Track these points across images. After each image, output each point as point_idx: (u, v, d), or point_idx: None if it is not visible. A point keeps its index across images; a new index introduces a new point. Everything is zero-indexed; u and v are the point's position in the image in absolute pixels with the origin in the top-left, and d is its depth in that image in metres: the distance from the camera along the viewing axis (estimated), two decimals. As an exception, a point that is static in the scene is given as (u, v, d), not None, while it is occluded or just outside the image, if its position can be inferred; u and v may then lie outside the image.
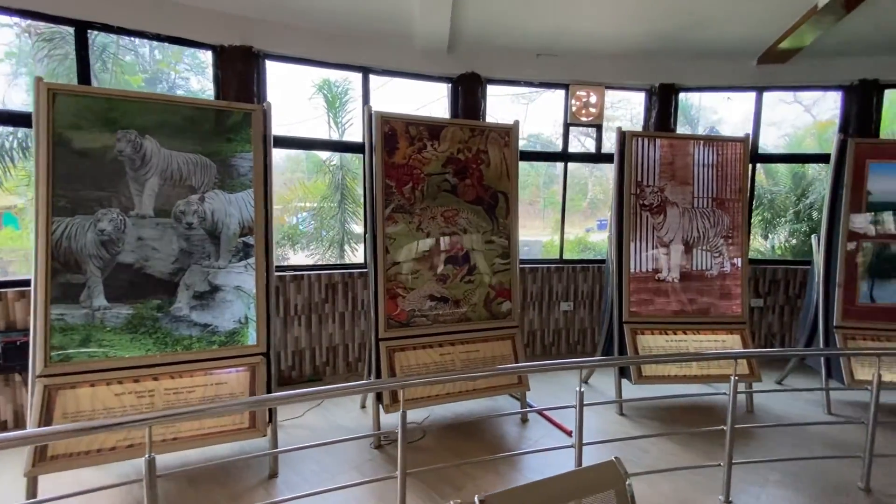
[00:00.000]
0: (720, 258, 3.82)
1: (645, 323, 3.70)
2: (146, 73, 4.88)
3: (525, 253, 7.04)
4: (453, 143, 3.29)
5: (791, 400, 4.01)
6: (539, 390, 4.10)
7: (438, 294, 3.27)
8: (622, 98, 6.56)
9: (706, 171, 3.79)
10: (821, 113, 6.69)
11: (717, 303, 3.80)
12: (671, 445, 3.21)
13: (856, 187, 3.77)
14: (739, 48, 4.65)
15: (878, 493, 2.73)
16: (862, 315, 3.80)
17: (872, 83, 4.82)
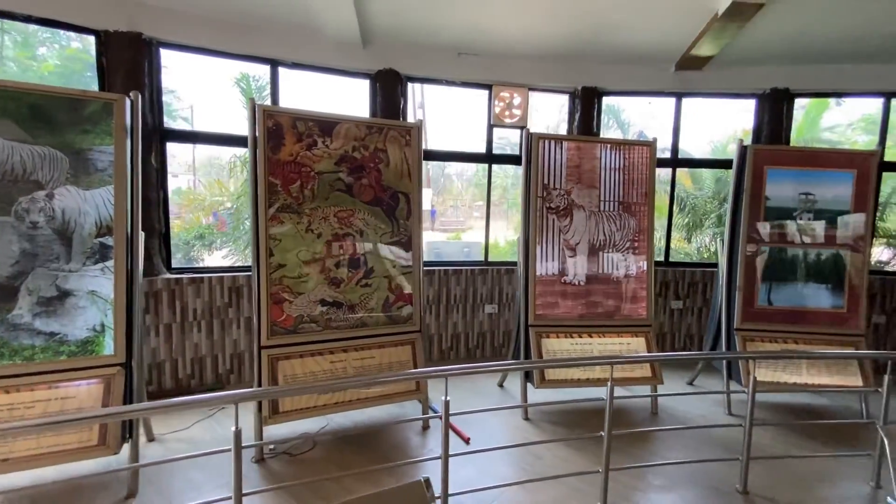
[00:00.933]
0: (626, 261, 3.84)
1: (550, 326, 3.67)
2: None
3: (465, 255, 6.99)
4: (348, 140, 3.15)
5: (697, 401, 4.08)
6: (452, 395, 4.03)
7: (331, 298, 3.12)
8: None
9: (613, 175, 3.80)
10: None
11: (623, 306, 3.82)
12: (567, 451, 3.18)
13: (755, 193, 3.86)
14: (657, 54, 4.72)
15: (753, 495, 2.77)
16: (760, 318, 3.90)
17: (783, 92, 5.00)
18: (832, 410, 4.04)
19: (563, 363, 3.35)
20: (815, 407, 4.08)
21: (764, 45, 4.53)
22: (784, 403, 4.09)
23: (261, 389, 2.52)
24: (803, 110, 6.61)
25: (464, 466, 2.92)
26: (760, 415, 3.91)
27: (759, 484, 2.85)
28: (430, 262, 5.00)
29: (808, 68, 4.94)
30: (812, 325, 3.88)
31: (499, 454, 3.04)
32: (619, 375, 3.65)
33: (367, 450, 3.10)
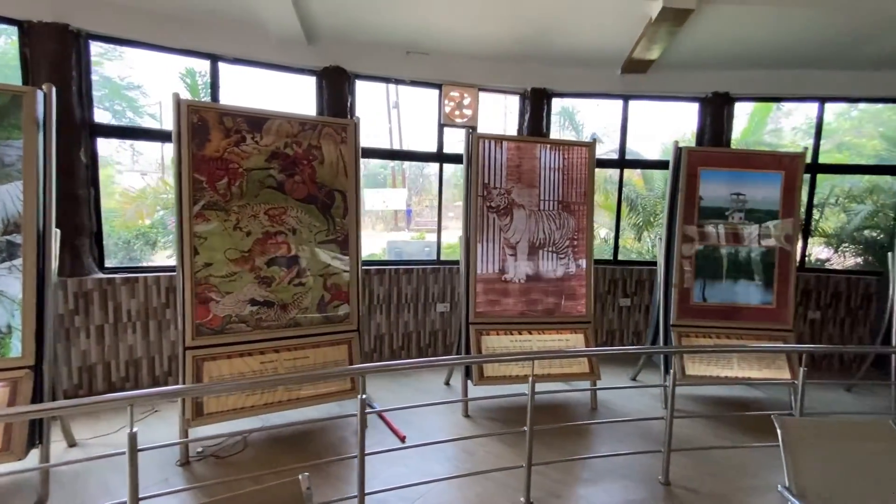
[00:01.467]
0: (566, 260, 3.90)
1: (491, 324, 3.71)
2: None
3: (426, 254, 6.99)
4: (279, 136, 3.11)
5: (638, 396, 4.18)
6: (398, 394, 4.03)
7: (262, 298, 3.08)
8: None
9: (552, 175, 3.86)
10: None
11: (563, 303, 3.88)
12: (501, 447, 3.21)
13: (689, 193, 3.98)
14: (603, 57, 4.82)
15: (675, 486, 2.85)
16: (696, 314, 4.02)
17: (724, 96, 5.17)
18: (763, 403, 4.20)
19: (486, 359, 3.40)
20: (748, 399, 4.23)
21: (703, 49, 4.69)
22: (719, 396, 4.23)
23: (156, 390, 2.46)
24: (748, 115, 6.86)
25: (394, 464, 2.92)
26: (696, 408, 4.05)
27: (682, 475, 2.94)
28: (381, 262, 4.99)
29: (748, 73, 5.13)
30: (744, 320, 4.03)
31: (432, 452, 3.05)
32: (557, 371, 3.71)
33: (299, 450, 3.07)
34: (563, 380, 3.78)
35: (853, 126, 6.82)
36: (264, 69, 4.34)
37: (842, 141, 6.72)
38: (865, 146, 6.76)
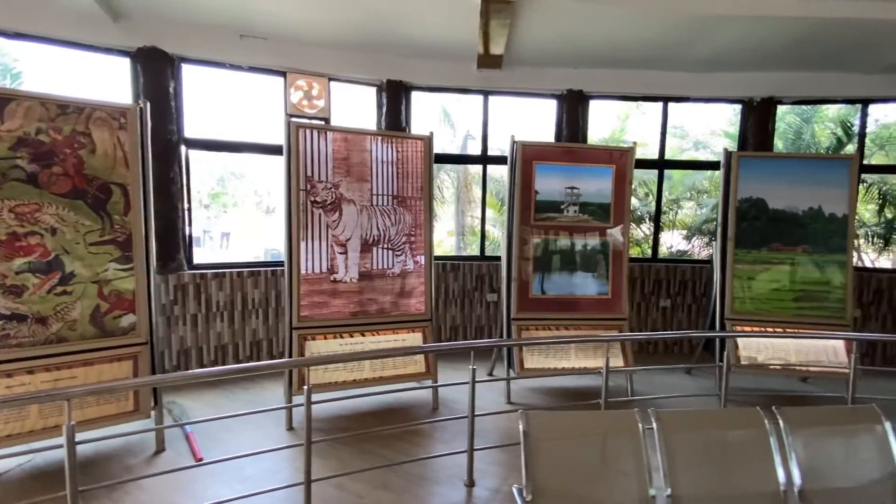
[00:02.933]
0: (403, 256, 3.75)
1: (318, 327, 3.46)
2: None
3: (272, 255, 6.59)
4: (29, 121, 2.64)
5: (486, 391, 4.12)
6: (225, 408, 3.66)
7: (9, 311, 2.59)
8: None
9: (386, 168, 3.69)
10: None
11: (400, 301, 3.73)
12: (322, 460, 2.98)
13: (525, 187, 3.99)
14: (456, 50, 4.75)
15: (479, 486, 2.76)
16: (535, 307, 4.04)
17: (578, 93, 5.32)
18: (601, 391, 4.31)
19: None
20: (593, 388, 4.33)
21: (552, 46, 4.76)
22: (568, 388, 4.30)
23: None
24: (617, 115, 7.23)
25: (182, 489, 2.59)
26: (542, 400, 4.08)
27: (495, 474, 2.87)
28: (225, 265, 4.57)
29: (600, 72, 5.30)
30: (581, 311, 4.11)
31: (230, 471, 2.74)
32: (390, 373, 3.55)
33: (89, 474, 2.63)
34: (399, 381, 3.62)
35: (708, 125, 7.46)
36: (63, 48, 3.78)
37: (698, 139, 7.26)
38: (717, 144, 7.36)
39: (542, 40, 4.61)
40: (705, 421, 2.15)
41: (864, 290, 5.39)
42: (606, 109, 6.95)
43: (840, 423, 2.19)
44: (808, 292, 4.22)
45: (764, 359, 4.12)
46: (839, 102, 5.42)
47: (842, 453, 2.11)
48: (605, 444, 1.97)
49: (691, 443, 1.98)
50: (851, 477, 2.07)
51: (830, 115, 6.35)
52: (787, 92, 5.32)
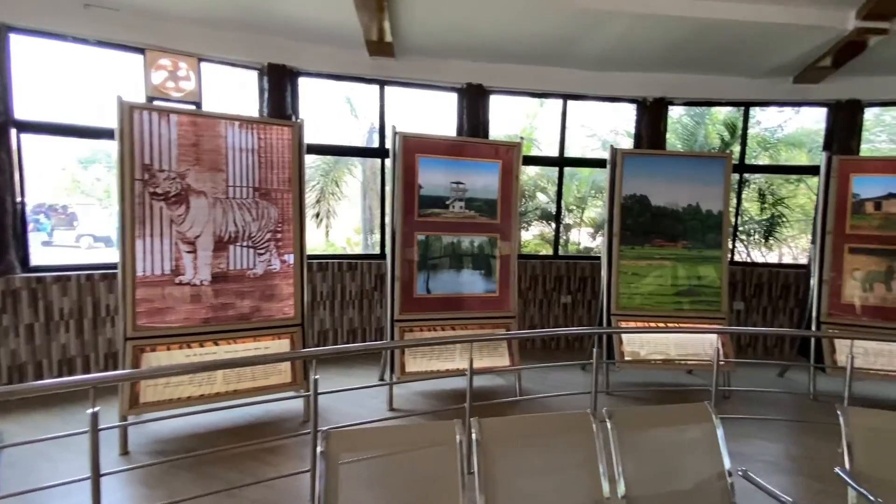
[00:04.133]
0: (267, 255, 3.41)
1: (158, 337, 3.05)
2: None
3: None
4: None
5: (370, 399, 3.89)
6: (51, 428, 3.15)
7: None
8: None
9: (244, 157, 3.33)
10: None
11: (264, 306, 3.39)
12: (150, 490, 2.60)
13: (407, 181, 3.78)
14: (343, 35, 4.44)
15: None
16: (420, 307, 3.85)
17: (478, 87, 5.20)
18: (498, 391, 4.22)
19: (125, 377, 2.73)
20: (486, 389, 4.22)
21: (444, 37, 4.59)
22: (453, 389, 4.14)
23: None
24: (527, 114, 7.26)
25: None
26: (428, 405, 3.89)
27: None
28: (70, 266, 4.00)
29: (502, 67, 5.21)
30: (468, 310, 3.97)
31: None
32: (248, 386, 3.21)
33: None
34: (261, 394, 3.28)
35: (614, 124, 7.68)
36: None
37: (605, 138, 7.42)
38: (625, 144, 7.59)
39: (435, 30, 4.42)
40: (529, 426, 2.02)
41: (747, 284, 5.70)
42: (515, 106, 6.94)
43: (671, 423, 2.14)
44: (688, 287, 4.34)
45: (646, 353, 4.18)
46: (724, 105, 5.69)
47: (671, 455, 2.06)
48: (420, 457, 1.78)
49: (511, 454, 1.84)
50: (680, 480, 2.02)
51: (721, 117, 6.68)
52: (678, 93, 5.49)
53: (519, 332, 4.01)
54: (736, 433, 3.58)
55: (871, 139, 7.60)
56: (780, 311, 5.63)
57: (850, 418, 2.08)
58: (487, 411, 3.44)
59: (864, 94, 5.30)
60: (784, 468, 3.25)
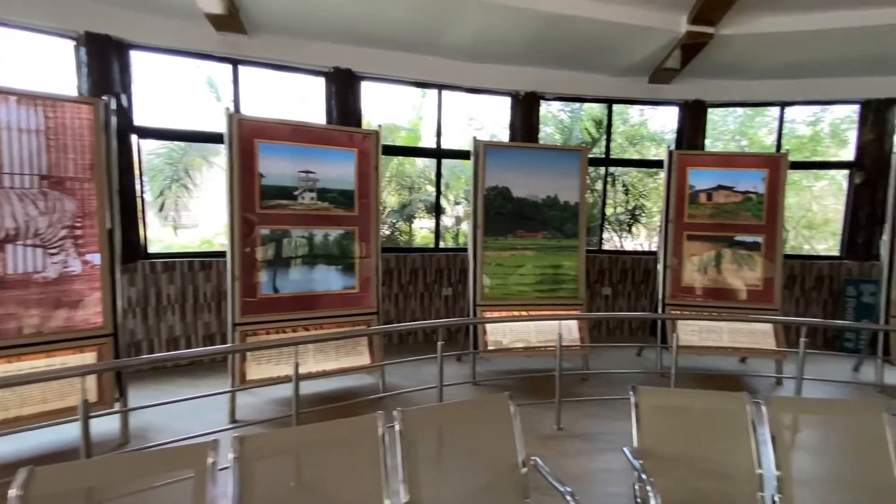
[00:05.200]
0: (61, 256, 2.90)
1: None
2: None
3: None
4: None
5: (210, 410, 3.51)
6: None
7: None
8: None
9: (27, 140, 2.79)
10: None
11: (59, 315, 2.88)
12: None
13: (245, 169, 3.44)
14: (181, 7, 3.95)
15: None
16: (266, 308, 3.54)
17: (347, 72, 4.94)
18: (359, 391, 4.04)
19: None
20: (350, 390, 4.02)
21: (302, 15, 4.26)
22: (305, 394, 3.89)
23: None
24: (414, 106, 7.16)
25: None
26: (280, 412, 3.60)
27: None
28: None
29: (372, 52, 4.99)
30: (325, 308, 3.74)
31: None
32: (36, 410, 2.70)
33: None
34: (57, 416, 2.79)
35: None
36: None
37: (494, 132, 7.54)
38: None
39: (288, 5, 4.08)
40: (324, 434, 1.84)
41: (614, 271, 6.08)
42: (400, 97, 6.78)
43: (473, 418, 2.10)
44: (548, 276, 4.48)
45: (509, 342, 4.25)
46: (590, 101, 5.99)
47: (471, 448, 2.02)
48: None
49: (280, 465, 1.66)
50: (475, 475, 1.98)
51: (594, 114, 7.08)
52: (549, 88, 5.66)
53: (384, 327, 3.85)
54: (586, 413, 3.79)
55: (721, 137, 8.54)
56: (643, 295, 6.09)
57: (640, 397, 2.18)
58: (349, 411, 3.27)
59: (708, 95, 5.85)
60: (618, 445, 3.43)
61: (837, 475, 2.05)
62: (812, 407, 2.20)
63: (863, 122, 5.74)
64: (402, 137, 6.85)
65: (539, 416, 3.63)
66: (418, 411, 1.93)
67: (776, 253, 4.57)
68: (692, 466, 2.07)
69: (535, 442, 3.26)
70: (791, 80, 5.68)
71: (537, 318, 4.05)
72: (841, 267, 5.80)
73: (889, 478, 1.93)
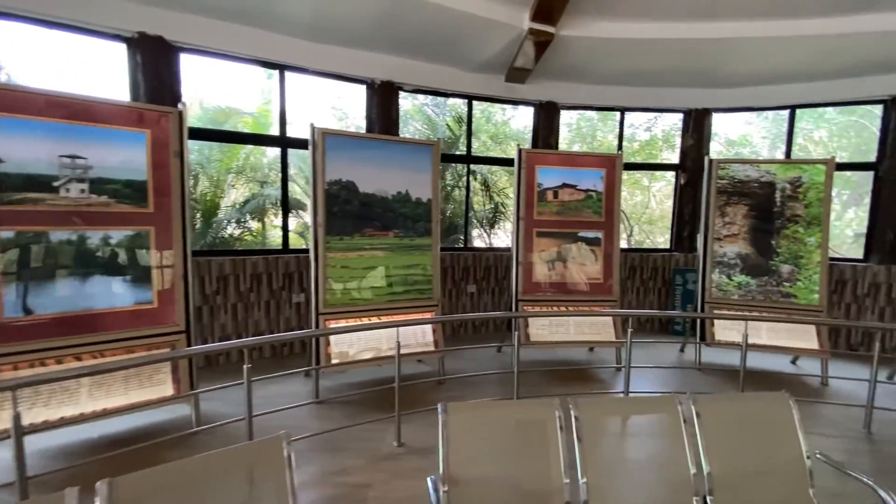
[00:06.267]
0: None
1: None
2: None
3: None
4: None
5: None
6: None
7: None
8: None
9: None
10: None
11: None
12: None
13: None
14: None
15: None
16: (12, 335, 2.67)
17: (157, 40, 4.08)
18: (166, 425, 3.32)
19: None
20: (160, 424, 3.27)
21: None
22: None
23: None
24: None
25: None
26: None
27: None
28: None
29: (189, 19, 4.19)
30: (108, 330, 2.95)
31: None
32: None
33: None
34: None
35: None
36: None
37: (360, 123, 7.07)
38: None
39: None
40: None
41: (478, 268, 6.05)
42: (247, 77, 5.97)
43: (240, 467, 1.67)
44: (401, 277, 4.19)
45: (356, 353, 3.87)
46: (450, 96, 5.87)
47: None
48: None
49: None
50: None
51: (459, 110, 7.01)
52: (407, 79, 5.38)
53: (186, 350, 3.17)
54: (434, 422, 3.54)
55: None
56: (505, 291, 6.15)
57: (450, 415, 1.95)
58: (149, 455, 2.57)
59: (560, 97, 6.08)
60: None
61: (638, 474, 2.02)
62: (616, 407, 2.16)
63: (685, 129, 6.46)
64: (246, 123, 6.04)
65: (381, 431, 3.30)
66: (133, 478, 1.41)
67: (614, 247, 4.84)
68: (503, 486, 1.89)
69: (370, 466, 2.91)
70: (630, 88, 6.16)
71: (380, 326, 3.71)
72: (671, 259, 6.47)
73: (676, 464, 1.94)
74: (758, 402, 2.16)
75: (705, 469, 1.95)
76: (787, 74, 5.54)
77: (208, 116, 5.76)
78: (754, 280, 4.83)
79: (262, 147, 5.01)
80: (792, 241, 4.73)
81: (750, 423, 2.08)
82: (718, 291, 4.92)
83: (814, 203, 4.68)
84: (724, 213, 4.96)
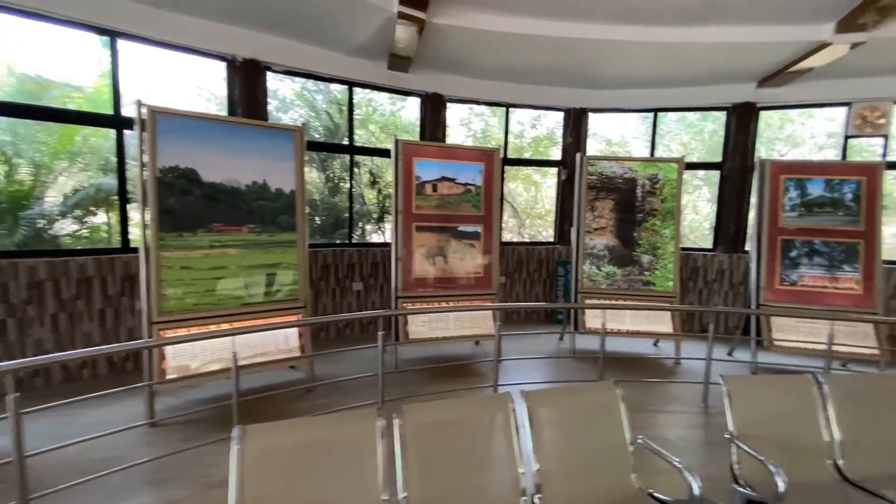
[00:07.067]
0: None
1: None
2: None
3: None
4: None
5: None
6: None
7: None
8: None
9: None
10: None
11: None
12: None
13: None
14: None
15: None
16: None
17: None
18: None
19: None
20: None
21: None
22: None
23: None
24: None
25: None
26: None
27: None
28: None
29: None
30: None
31: None
32: None
33: None
34: None
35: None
36: None
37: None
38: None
39: None
40: None
41: (365, 264, 5.76)
42: (74, 45, 4.97)
43: None
44: (260, 277, 3.77)
45: (199, 364, 3.39)
46: (326, 80, 5.49)
47: None
48: None
49: None
50: None
51: (339, 97, 6.61)
52: (275, 58, 4.89)
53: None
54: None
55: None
56: (393, 288, 5.94)
57: (247, 442, 1.67)
58: None
59: (446, 89, 5.98)
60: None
61: (466, 479, 1.91)
62: (442, 412, 2.01)
63: (566, 127, 6.73)
64: (75, 99, 5.09)
65: (219, 455, 2.88)
66: None
67: (493, 241, 4.84)
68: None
69: (198, 498, 2.52)
70: (515, 84, 6.25)
71: (219, 335, 3.26)
72: (554, 251, 6.73)
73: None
74: (589, 393, 2.16)
75: (533, 467, 1.89)
76: (651, 79, 5.98)
77: (22, 90, 4.74)
78: (620, 270, 5.13)
79: (106, 129, 4.20)
80: (651, 233, 5.10)
81: (581, 415, 2.07)
82: (589, 282, 5.16)
83: (668, 198, 5.08)
84: (594, 208, 5.21)
